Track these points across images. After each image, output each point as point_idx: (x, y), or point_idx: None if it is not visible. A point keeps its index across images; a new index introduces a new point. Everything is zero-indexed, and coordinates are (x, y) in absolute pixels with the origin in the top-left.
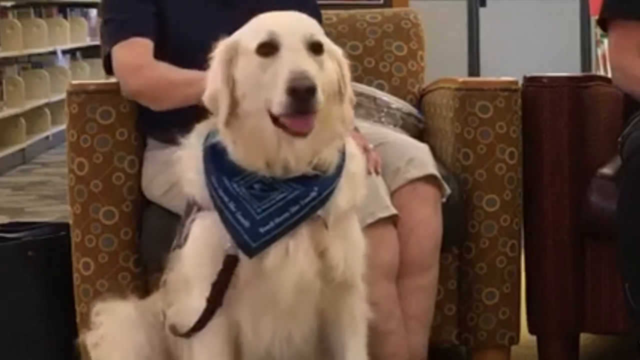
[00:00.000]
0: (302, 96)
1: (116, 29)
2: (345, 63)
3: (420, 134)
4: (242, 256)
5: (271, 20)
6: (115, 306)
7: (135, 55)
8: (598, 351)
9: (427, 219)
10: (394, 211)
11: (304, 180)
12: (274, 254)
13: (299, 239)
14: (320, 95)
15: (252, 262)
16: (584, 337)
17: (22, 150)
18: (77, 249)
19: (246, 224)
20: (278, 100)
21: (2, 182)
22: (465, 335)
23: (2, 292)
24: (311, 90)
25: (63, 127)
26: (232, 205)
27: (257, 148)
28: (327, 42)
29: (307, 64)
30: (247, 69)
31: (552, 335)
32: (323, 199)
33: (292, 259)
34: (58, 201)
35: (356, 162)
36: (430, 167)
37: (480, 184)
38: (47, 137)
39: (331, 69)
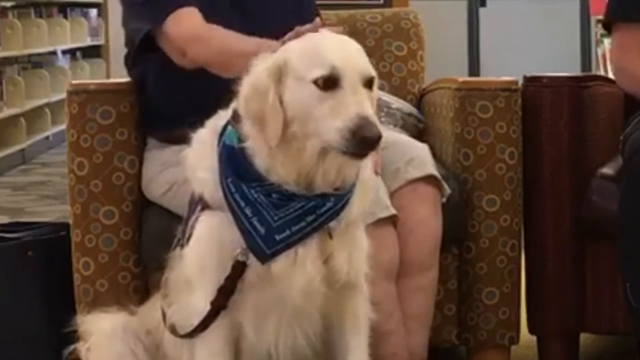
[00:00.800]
0: (369, 143)
1: (157, 7)
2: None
3: (420, 134)
4: (251, 260)
5: (329, 51)
6: (100, 318)
7: (192, 24)
8: (598, 351)
9: (426, 219)
10: (393, 211)
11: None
12: (282, 260)
13: (308, 246)
14: (382, 141)
15: (259, 266)
16: (584, 337)
17: (22, 150)
18: (77, 249)
19: (262, 230)
20: (341, 138)
21: (2, 182)
22: (465, 335)
23: (2, 292)
24: (379, 139)
25: (63, 127)
26: (248, 211)
27: (293, 165)
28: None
29: (369, 107)
30: (300, 95)
31: (552, 335)
32: (338, 210)
33: (299, 266)
34: (58, 201)
35: (367, 171)
36: (430, 167)
37: (480, 184)
38: (47, 137)
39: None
